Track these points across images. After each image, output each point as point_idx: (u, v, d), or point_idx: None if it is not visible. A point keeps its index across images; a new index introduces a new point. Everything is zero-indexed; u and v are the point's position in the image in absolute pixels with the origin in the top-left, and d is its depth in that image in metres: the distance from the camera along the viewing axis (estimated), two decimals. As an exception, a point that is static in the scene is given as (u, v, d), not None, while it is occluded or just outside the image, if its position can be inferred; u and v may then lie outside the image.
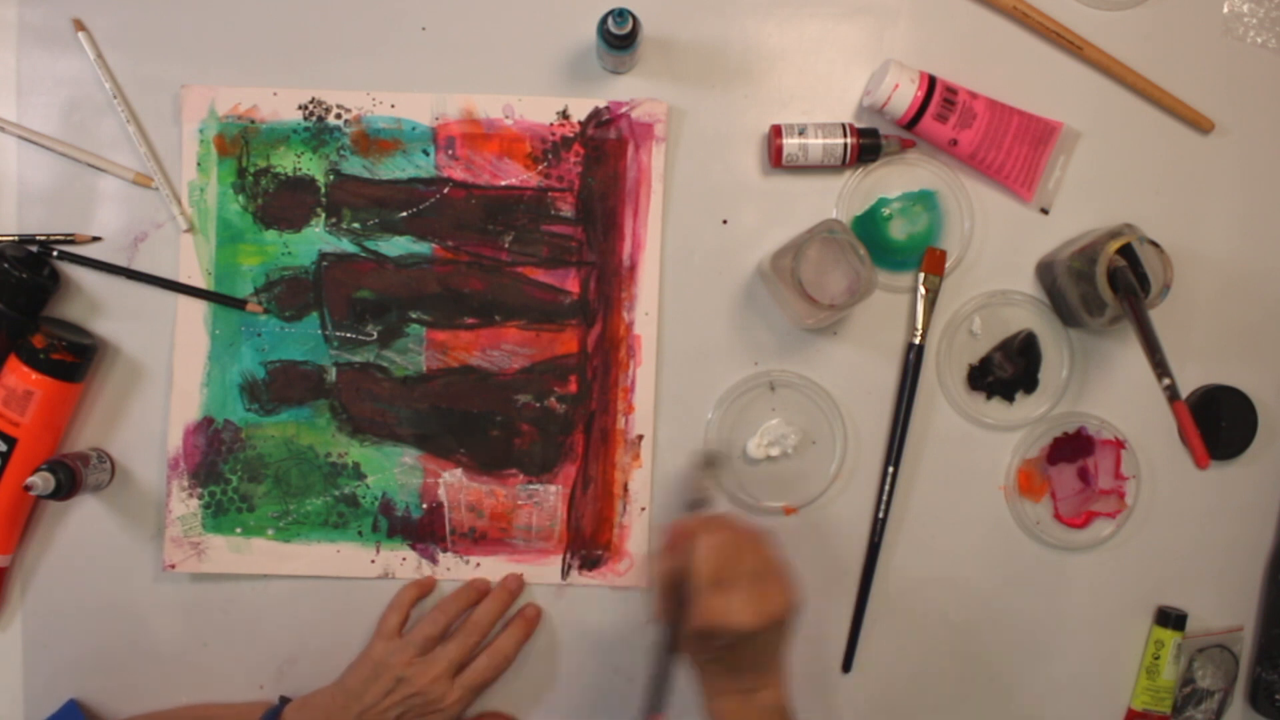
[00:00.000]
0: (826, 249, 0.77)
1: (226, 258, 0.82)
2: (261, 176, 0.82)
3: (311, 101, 0.81)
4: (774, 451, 0.83)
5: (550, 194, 0.82)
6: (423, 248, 0.82)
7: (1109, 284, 0.75)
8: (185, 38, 0.82)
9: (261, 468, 0.82)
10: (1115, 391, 0.85)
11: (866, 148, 0.81)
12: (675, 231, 0.83)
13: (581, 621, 0.84)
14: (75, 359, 0.78)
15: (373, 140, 0.82)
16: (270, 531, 0.83)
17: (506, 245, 0.82)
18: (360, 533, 0.83)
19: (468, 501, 0.83)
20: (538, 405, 0.83)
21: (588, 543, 0.83)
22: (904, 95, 0.79)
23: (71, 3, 0.81)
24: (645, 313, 0.82)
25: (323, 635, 0.83)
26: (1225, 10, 0.84)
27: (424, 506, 0.83)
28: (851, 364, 0.84)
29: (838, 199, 0.83)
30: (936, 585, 0.85)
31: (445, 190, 0.82)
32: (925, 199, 0.83)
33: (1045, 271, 0.84)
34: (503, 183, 0.82)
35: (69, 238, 0.81)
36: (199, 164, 0.81)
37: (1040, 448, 0.85)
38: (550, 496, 0.83)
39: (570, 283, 0.83)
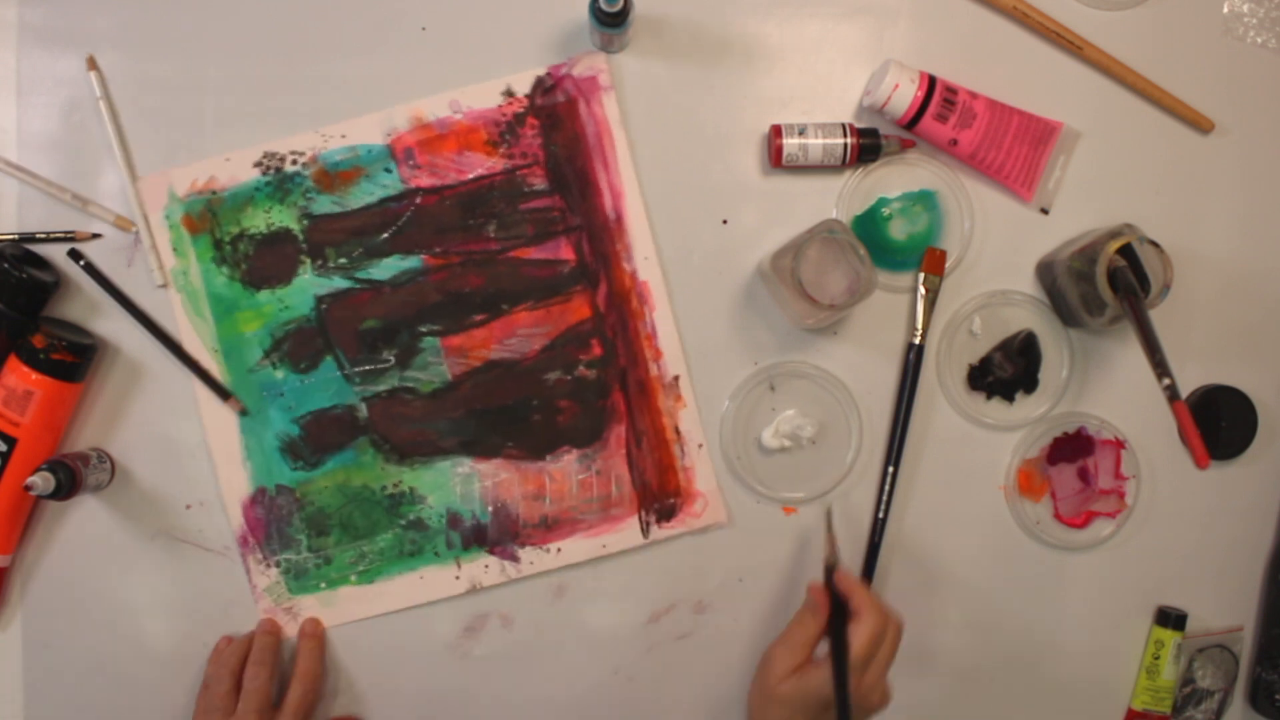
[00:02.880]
0: (826, 249, 0.77)
1: (228, 330, 0.82)
2: (238, 242, 0.81)
3: (265, 156, 0.81)
4: (788, 442, 0.83)
5: (519, 172, 0.82)
6: (412, 262, 0.82)
7: (1109, 284, 0.75)
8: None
9: (325, 520, 0.82)
10: (1115, 391, 0.85)
11: (866, 148, 0.81)
12: (675, 231, 0.83)
13: (581, 622, 0.84)
14: (75, 359, 0.78)
15: (334, 175, 0.81)
16: (353, 578, 0.83)
17: (492, 234, 0.82)
18: (437, 553, 0.82)
19: (530, 492, 0.83)
20: (569, 378, 0.82)
21: (658, 495, 0.83)
22: (904, 95, 0.79)
23: (72, 2, 0.81)
24: (645, 258, 0.82)
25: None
26: (1225, 10, 0.84)
27: (489, 510, 0.83)
28: (851, 364, 0.84)
29: (838, 199, 0.83)
30: (936, 585, 0.85)
31: (418, 200, 0.81)
32: (925, 199, 0.83)
33: (1045, 271, 0.84)
34: (470, 176, 0.82)
35: (69, 235, 0.81)
36: (174, 249, 0.81)
37: (1040, 448, 0.85)
38: (608, 463, 0.83)
39: (564, 251, 0.82)
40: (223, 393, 0.81)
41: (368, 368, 0.82)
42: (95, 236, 0.81)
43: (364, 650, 0.83)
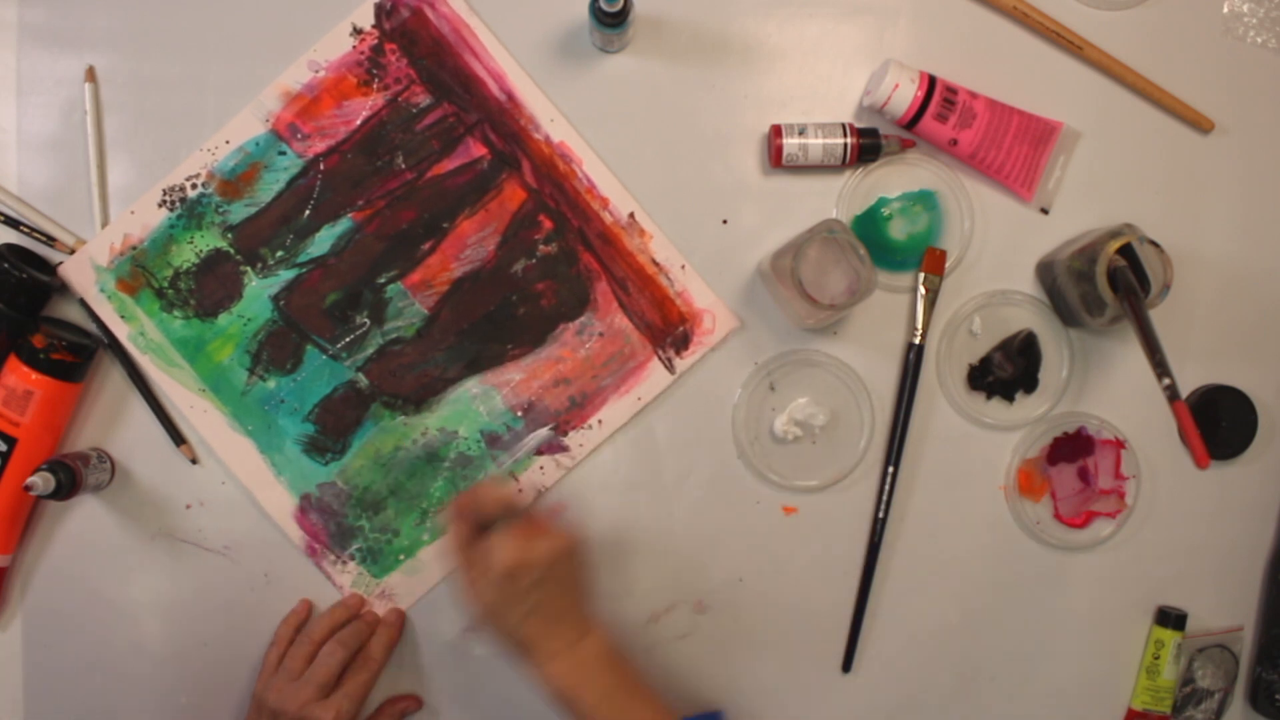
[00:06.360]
0: (826, 249, 0.77)
1: (205, 366, 0.82)
2: (177, 282, 0.81)
3: (165, 193, 0.81)
4: (799, 431, 0.82)
5: (401, 98, 0.82)
6: (343, 225, 0.82)
7: (1109, 284, 0.75)
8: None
9: (376, 496, 0.83)
10: (1115, 391, 0.85)
11: (866, 148, 0.81)
12: (675, 231, 0.83)
13: (581, 621, 0.84)
14: (75, 359, 0.78)
15: (235, 180, 0.81)
16: (425, 537, 0.83)
17: (403, 165, 0.82)
18: (490, 477, 0.83)
19: (548, 381, 0.83)
20: (534, 261, 0.83)
21: (665, 329, 0.83)
22: (904, 95, 0.79)
23: (72, 3, 0.81)
24: (550, 120, 0.82)
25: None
26: (1225, 10, 0.84)
27: (520, 415, 0.83)
28: (852, 364, 0.84)
29: (838, 199, 0.83)
30: (936, 585, 0.85)
31: (321, 167, 0.82)
32: (925, 199, 0.83)
33: (1045, 271, 0.84)
34: (358, 122, 0.82)
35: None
36: (121, 316, 0.81)
37: (1040, 448, 0.85)
38: (606, 321, 0.83)
39: (475, 150, 0.82)
40: (177, 438, 0.82)
41: (348, 339, 0.82)
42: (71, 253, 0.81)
43: (364, 650, 0.83)
